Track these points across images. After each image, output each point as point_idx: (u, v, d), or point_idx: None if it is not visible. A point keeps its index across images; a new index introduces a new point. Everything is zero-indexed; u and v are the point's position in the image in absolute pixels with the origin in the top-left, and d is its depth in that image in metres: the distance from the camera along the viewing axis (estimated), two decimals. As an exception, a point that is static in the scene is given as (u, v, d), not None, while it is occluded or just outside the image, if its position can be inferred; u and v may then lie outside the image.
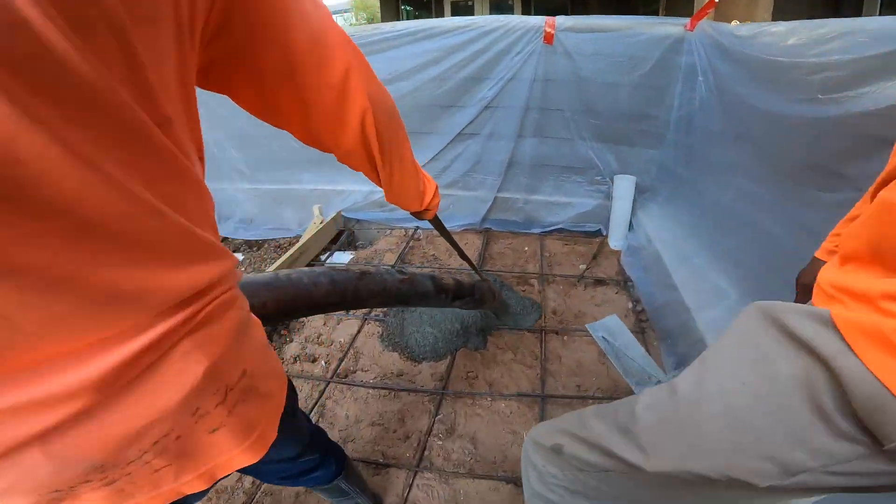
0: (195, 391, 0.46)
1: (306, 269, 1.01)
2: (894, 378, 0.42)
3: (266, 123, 0.66)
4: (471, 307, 1.67)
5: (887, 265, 0.49)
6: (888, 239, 0.49)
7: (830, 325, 0.48)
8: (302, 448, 0.87)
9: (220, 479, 0.56)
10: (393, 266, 2.33)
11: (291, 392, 0.75)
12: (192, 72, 0.43)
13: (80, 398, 0.38)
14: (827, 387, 0.47)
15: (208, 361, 0.46)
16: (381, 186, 0.85)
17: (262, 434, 0.58)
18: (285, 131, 0.67)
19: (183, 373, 0.45)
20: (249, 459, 0.57)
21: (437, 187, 1.05)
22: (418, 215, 1.09)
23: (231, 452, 0.54)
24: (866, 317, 0.46)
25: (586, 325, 1.65)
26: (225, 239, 3.40)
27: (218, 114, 3.10)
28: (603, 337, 1.58)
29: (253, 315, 0.59)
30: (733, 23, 1.96)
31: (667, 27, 2.30)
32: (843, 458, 0.46)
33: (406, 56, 2.60)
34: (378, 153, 0.73)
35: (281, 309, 0.89)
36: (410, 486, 1.51)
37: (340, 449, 1.11)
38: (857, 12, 4.09)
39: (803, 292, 0.98)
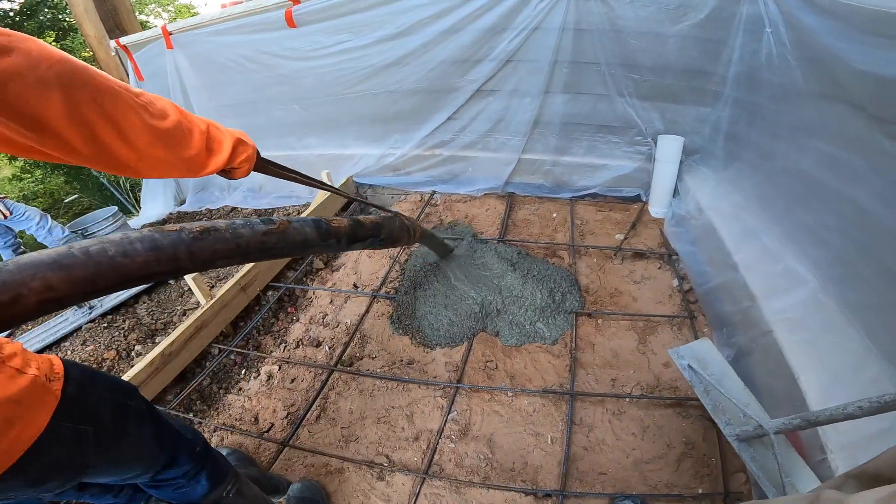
0: None
1: (117, 237, 0.81)
2: None
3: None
4: (378, 247, 1.59)
5: None
6: None
7: None
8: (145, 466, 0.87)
9: None
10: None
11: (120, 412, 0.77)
12: None
13: None
14: None
15: None
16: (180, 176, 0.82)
17: None
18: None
19: None
20: None
21: (237, 139, 0.95)
22: (227, 176, 1.01)
23: None
24: None
25: (668, 351, 1.39)
26: (234, 209, 3.24)
27: (217, 80, 2.87)
28: (689, 366, 1.31)
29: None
30: None
31: None
32: None
33: (414, 7, 2.30)
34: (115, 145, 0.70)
35: (78, 290, 0.69)
36: (417, 496, 1.33)
37: (221, 466, 1.06)
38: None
39: None
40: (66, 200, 6.97)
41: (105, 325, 2.22)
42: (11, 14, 8.22)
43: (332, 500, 1.37)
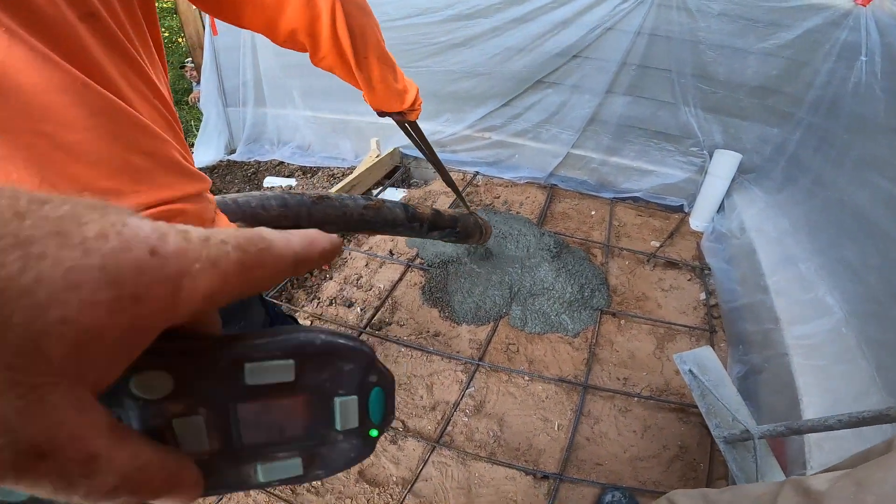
0: None
1: (258, 193, 1.05)
2: None
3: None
4: (452, 240, 1.71)
5: None
6: None
7: None
8: None
9: None
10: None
11: None
12: None
13: None
14: None
15: None
16: (360, 88, 0.91)
17: None
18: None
19: None
20: None
21: (418, 88, 1.06)
22: (401, 118, 1.11)
23: None
24: None
25: (674, 356, 1.46)
26: (281, 163, 3.37)
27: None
28: (690, 370, 1.37)
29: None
30: None
31: None
32: None
33: None
34: (350, 49, 0.80)
35: None
36: (426, 462, 1.44)
37: None
38: None
39: None
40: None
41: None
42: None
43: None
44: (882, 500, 0.50)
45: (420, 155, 2.98)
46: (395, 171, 3.05)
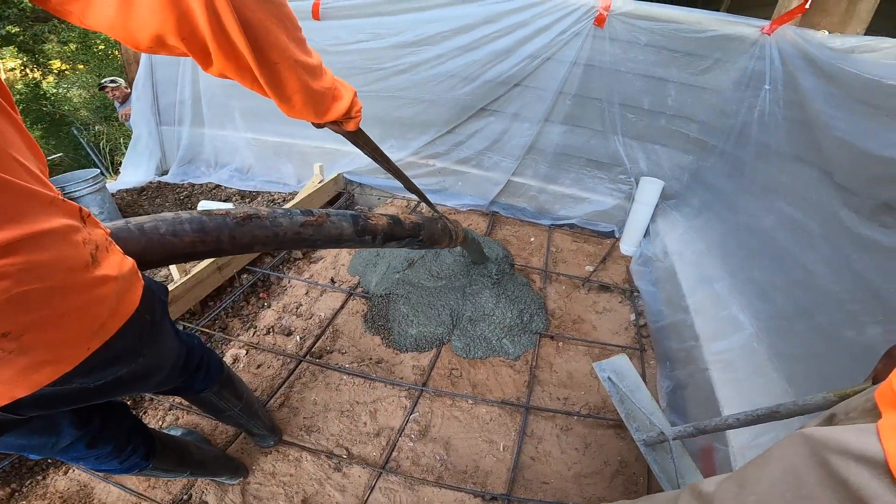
0: None
1: (171, 215, 0.88)
2: None
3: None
4: (417, 247, 1.53)
5: None
6: None
7: (885, 472, 0.42)
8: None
9: None
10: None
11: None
12: None
13: None
14: None
15: None
16: (270, 98, 0.73)
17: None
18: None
19: None
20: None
21: (355, 92, 0.91)
22: (337, 128, 0.96)
23: None
24: None
25: (593, 364, 1.53)
26: (217, 187, 3.24)
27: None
28: (609, 378, 1.45)
29: (94, 274, 0.59)
30: (821, 32, 1.73)
31: (740, 27, 2.06)
32: None
33: (437, 19, 2.39)
34: (247, 49, 0.63)
35: None
36: (372, 489, 1.40)
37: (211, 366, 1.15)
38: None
39: (887, 367, 0.78)
40: (48, 158, 6.73)
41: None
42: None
43: (287, 487, 1.41)
44: (761, 498, 0.54)
45: (367, 182, 3.02)
46: (338, 197, 3.02)
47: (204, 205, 3.01)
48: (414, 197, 2.93)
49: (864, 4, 1.80)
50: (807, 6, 1.85)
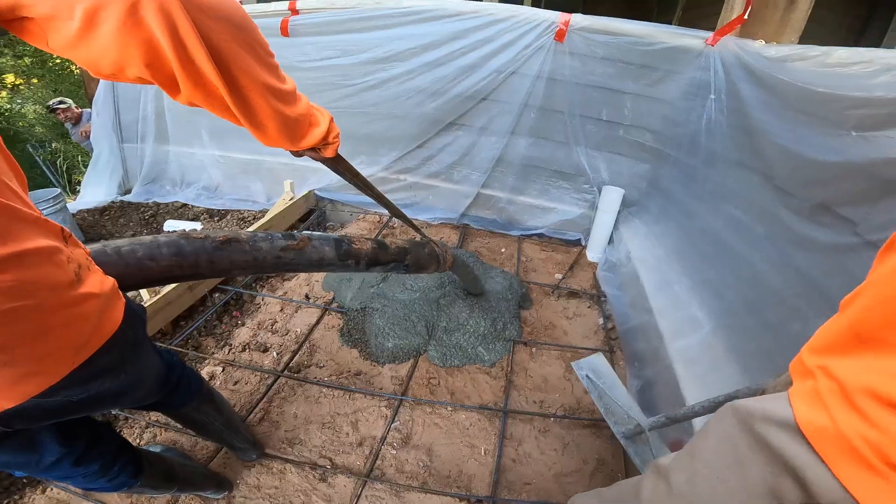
0: None
1: (148, 238, 0.88)
2: (865, 492, 0.43)
3: None
4: (403, 272, 1.51)
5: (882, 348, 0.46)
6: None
7: (797, 432, 0.49)
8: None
9: None
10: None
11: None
12: None
13: None
14: (795, 493, 0.50)
15: None
16: (243, 124, 0.71)
17: None
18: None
19: None
20: None
21: (331, 117, 0.90)
22: (314, 155, 0.95)
23: None
24: (842, 423, 0.46)
25: (572, 364, 1.60)
26: (184, 205, 3.18)
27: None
28: (587, 376, 1.53)
29: (76, 292, 0.62)
30: (758, 42, 1.86)
31: (687, 39, 2.20)
32: None
33: (406, 36, 2.45)
34: (216, 75, 0.61)
35: None
36: (358, 497, 1.41)
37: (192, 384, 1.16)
38: (878, 42, 4.07)
39: None
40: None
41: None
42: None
43: (273, 499, 1.41)
44: (706, 464, 0.62)
45: (338, 198, 3.04)
46: (309, 215, 3.02)
47: (170, 224, 2.95)
48: (385, 212, 3.00)
49: (796, 14, 1.94)
50: (745, 17, 1.98)
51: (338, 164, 1.10)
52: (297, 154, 0.96)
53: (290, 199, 2.85)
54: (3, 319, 0.53)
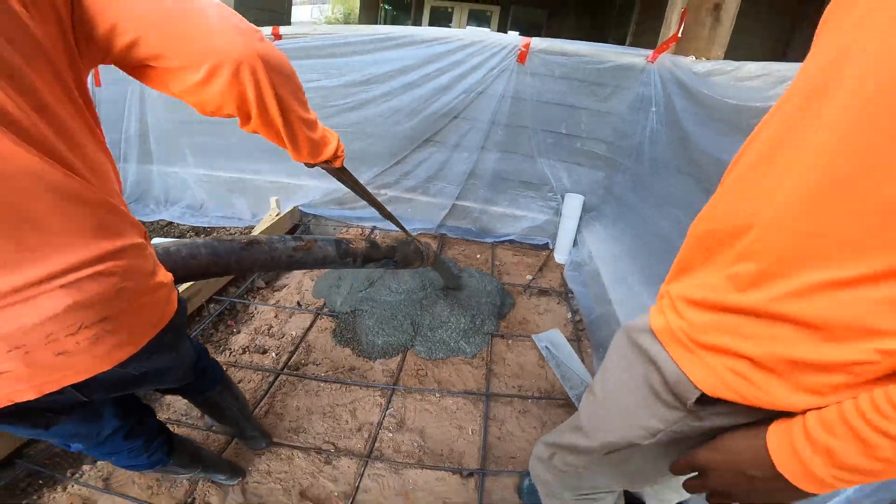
0: (51, 321, 0.61)
1: (188, 241, 1.07)
2: (685, 362, 0.63)
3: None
4: (392, 268, 1.72)
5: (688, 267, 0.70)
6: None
7: (653, 334, 0.70)
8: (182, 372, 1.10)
9: (47, 393, 0.68)
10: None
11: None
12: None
13: None
14: (657, 376, 0.68)
15: (71, 300, 0.62)
16: (286, 148, 0.94)
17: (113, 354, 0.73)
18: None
19: (45, 308, 0.60)
20: (82, 375, 0.70)
21: (338, 136, 1.11)
22: (326, 166, 1.15)
23: (64, 373, 0.67)
24: (671, 321, 0.66)
25: (532, 336, 1.81)
26: (170, 224, 3.28)
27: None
28: (546, 347, 1.75)
29: (156, 280, 0.79)
30: (690, 58, 2.09)
31: (630, 57, 2.47)
32: (674, 421, 0.68)
33: (383, 60, 2.65)
34: (279, 118, 0.83)
35: None
36: (362, 476, 1.58)
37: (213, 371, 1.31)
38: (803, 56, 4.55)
39: None
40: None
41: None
42: None
43: (283, 483, 1.55)
44: (612, 375, 0.82)
45: (322, 213, 3.20)
46: (295, 229, 3.17)
47: (156, 243, 3.04)
48: (366, 225, 3.20)
49: (721, 30, 2.15)
50: (679, 35, 2.20)
51: (342, 174, 1.31)
52: (311, 166, 1.16)
53: (277, 215, 2.99)
54: (116, 296, 0.69)
